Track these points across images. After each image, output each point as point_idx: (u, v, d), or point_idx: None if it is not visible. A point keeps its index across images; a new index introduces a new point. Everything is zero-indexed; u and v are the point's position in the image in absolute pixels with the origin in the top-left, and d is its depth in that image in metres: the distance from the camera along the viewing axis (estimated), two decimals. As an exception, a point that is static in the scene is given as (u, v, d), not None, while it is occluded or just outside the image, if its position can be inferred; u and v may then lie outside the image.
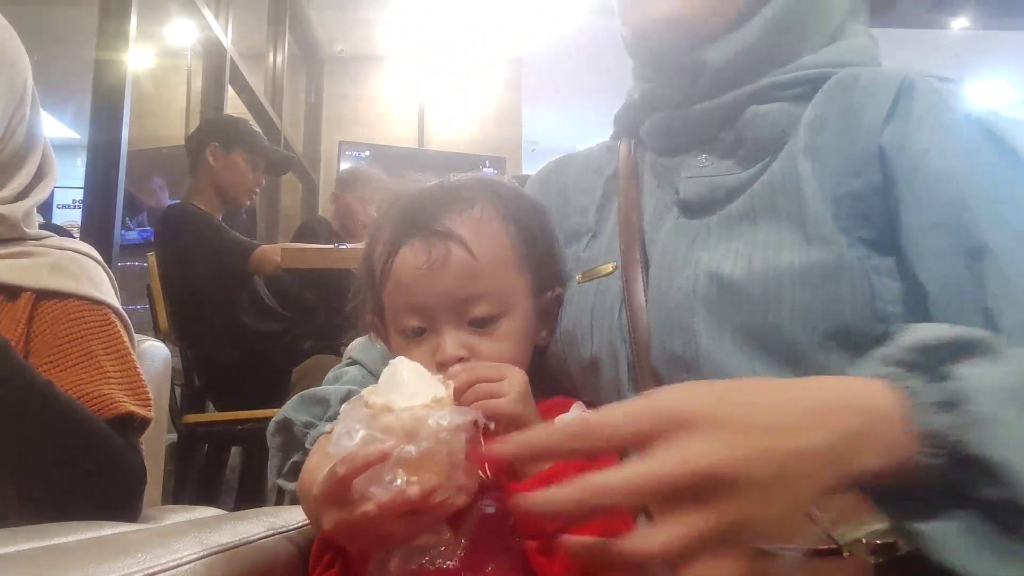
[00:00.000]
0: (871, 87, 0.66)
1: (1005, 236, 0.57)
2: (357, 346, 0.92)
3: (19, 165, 0.97)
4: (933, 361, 0.48)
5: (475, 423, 0.58)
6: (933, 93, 0.65)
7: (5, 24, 0.96)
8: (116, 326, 0.97)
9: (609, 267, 0.74)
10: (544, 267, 0.77)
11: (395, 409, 0.56)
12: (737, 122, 0.71)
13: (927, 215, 0.60)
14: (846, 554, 0.45)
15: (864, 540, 0.46)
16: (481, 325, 0.71)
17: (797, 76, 0.70)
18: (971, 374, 0.47)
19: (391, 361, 0.62)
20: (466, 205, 0.73)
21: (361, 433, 0.56)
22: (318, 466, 0.62)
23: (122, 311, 1.00)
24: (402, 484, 0.54)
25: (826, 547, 0.46)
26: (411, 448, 0.55)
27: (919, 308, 0.60)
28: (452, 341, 0.70)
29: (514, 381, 0.66)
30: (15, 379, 0.82)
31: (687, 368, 0.65)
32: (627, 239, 0.73)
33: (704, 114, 0.73)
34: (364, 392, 0.59)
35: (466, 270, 0.70)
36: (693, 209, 0.71)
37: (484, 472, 0.65)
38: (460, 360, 0.69)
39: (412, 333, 0.73)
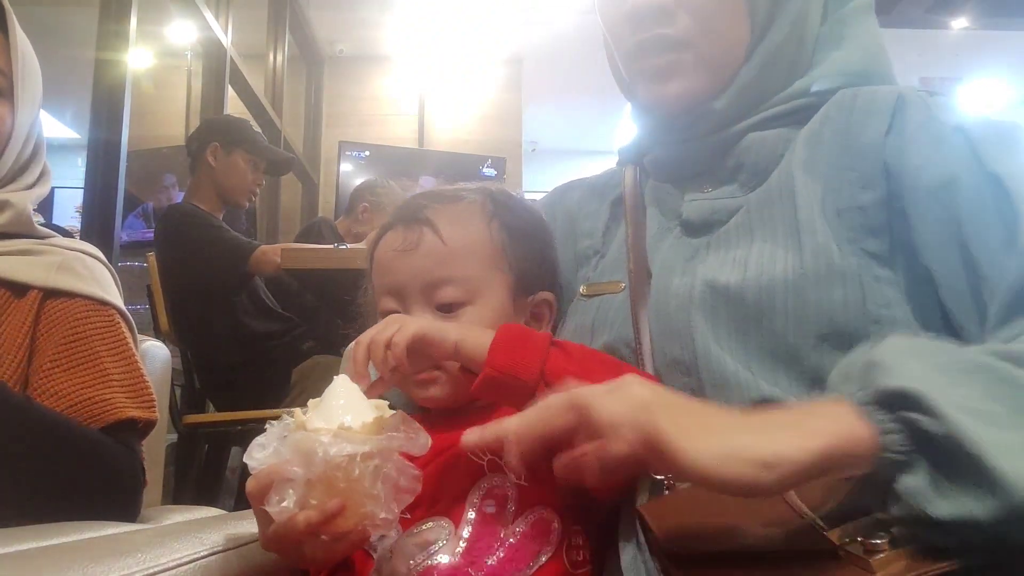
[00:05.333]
0: (869, 106, 0.68)
1: (990, 249, 0.58)
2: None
3: (31, 161, 1.01)
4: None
5: (395, 456, 0.57)
6: (924, 108, 0.66)
7: (23, 35, 0.98)
8: (121, 327, 0.98)
9: (617, 285, 0.76)
10: (531, 269, 0.79)
11: (309, 429, 0.56)
12: (736, 148, 0.73)
13: (932, 233, 0.61)
14: (842, 554, 0.46)
15: (860, 539, 0.46)
16: (447, 311, 0.74)
17: (792, 105, 0.72)
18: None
19: (335, 378, 0.61)
20: (453, 201, 0.78)
21: (272, 448, 0.56)
22: None
23: (127, 312, 1.01)
24: (289, 505, 0.54)
25: (822, 547, 0.47)
26: (299, 471, 0.54)
27: (919, 312, 0.61)
28: None
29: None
30: None
31: (687, 371, 0.66)
32: (635, 258, 0.75)
33: (706, 146, 0.75)
34: (309, 403, 0.59)
35: (435, 254, 0.74)
36: (694, 229, 0.73)
37: (482, 455, 0.66)
38: None
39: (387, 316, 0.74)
